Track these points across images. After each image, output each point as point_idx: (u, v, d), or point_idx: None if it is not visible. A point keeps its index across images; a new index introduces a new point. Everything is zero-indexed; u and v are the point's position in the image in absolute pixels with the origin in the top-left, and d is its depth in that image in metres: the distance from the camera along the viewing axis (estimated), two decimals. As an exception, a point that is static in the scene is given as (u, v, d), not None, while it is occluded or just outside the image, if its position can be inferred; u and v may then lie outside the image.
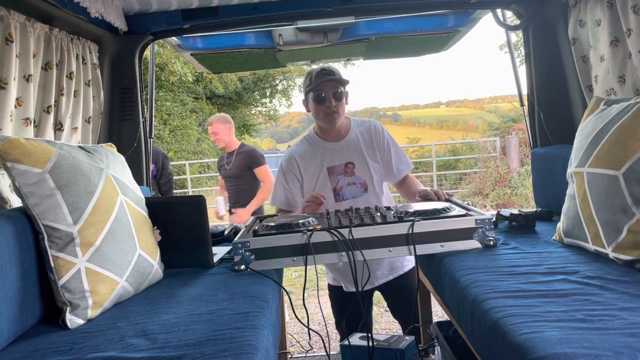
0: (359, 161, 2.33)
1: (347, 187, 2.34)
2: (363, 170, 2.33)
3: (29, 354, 1.21)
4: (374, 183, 2.34)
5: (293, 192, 2.36)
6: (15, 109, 1.72)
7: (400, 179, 2.41)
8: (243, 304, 1.42)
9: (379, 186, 2.36)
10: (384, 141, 2.37)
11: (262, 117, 22.17)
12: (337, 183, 2.33)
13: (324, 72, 2.25)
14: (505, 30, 2.73)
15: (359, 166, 2.33)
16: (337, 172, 2.34)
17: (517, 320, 1.12)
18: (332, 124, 2.29)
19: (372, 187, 2.34)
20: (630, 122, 1.43)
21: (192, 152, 14.54)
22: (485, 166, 10.92)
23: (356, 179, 2.34)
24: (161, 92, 13.31)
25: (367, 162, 2.33)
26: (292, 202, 2.37)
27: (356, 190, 2.34)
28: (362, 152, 2.33)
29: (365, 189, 2.34)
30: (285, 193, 2.37)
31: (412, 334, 1.97)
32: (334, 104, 2.24)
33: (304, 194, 2.34)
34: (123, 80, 2.53)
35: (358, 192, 2.34)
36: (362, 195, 2.34)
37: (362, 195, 2.34)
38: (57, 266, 1.37)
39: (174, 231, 1.80)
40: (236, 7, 2.44)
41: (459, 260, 1.63)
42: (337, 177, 2.33)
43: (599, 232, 1.47)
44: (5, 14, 1.65)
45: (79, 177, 1.44)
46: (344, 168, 2.33)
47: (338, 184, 2.33)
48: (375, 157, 2.35)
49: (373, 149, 2.35)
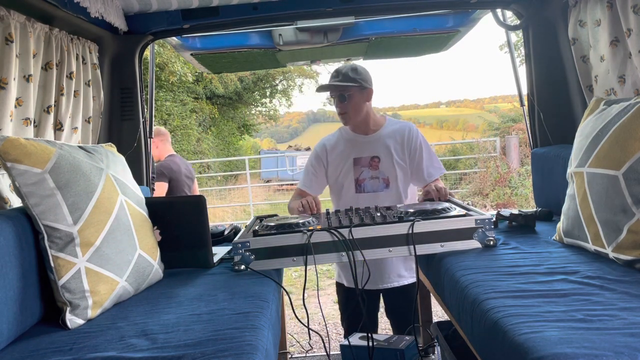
0: (385, 157, 2.37)
1: (369, 180, 2.39)
2: (388, 166, 2.37)
3: (29, 354, 1.21)
4: (398, 181, 2.37)
5: (318, 176, 2.46)
6: (15, 109, 1.72)
7: (430, 182, 2.38)
8: (243, 304, 1.42)
9: (402, 185, 2.38)
10: (416, 143, 2.39)
11: (262, 117, 22.17)
12: (360, 174, 2.39)
13: (332, 75, 2.34)
14: (505, 30, 2.72)
15: (384, 161, 2.37)
16: (362, 164, 2.39)
17: (517, 320, 1.12)
18: (346, 123, 2.40)
19: (395, 185, 2.37)
20: (630, 122, 1.43)
21: (192, 152, 14.53)
22: (485, 166, 10.91)
23: (379, 174, 2.38)
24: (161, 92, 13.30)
25: (393, 159, 2.37)
26: (313, 187, 2.46)
27: (378, 184, 2.38)
28: (390, 149, 2.37)
29: (387, 185, 2.38)
30: (310, 177, 2.47)
31: (411, 334, 1.97)
32: (341, 106, 2.33)
33: (329, 180, 2.46)
34: (123, 80, 2.53)
35: (379, 186, 2.38)
36: (383, 190, 2.37)
37: (383, 191, 2.37)
38: (57, 266, 1.37)
39: (174, 231, 1.80)
40: (236, 7, 2.44)
41: (459, 260, 1.63)
42: (361, 168, 2.39)
43: (599, 232, 1.47)
44: (5, 14, 1.65)
45: (79, 177, 1.44)
46: (369, 161, 2.39)
47: (361, 175, 2.39)
48: (404, 157, 2.38)
49: (402, 148, 2.38)
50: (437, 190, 2.12)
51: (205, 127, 16.63)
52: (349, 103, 2.31)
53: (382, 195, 2.36)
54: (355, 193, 2.39)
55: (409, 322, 2.22)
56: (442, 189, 2.13)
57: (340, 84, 2.29)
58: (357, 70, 2.31)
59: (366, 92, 2.34)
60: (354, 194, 2.39)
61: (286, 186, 16.07)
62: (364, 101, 2.35)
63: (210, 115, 17.16)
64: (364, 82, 2.31)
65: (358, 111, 2.35)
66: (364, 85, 2.32)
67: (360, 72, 2.32)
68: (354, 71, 2.31)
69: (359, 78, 2.30)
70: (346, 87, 2.29)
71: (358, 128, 2.42)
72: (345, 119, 2.36)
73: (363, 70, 2.34)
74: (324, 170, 2.46)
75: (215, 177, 15.61)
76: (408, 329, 2.10)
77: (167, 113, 13.44)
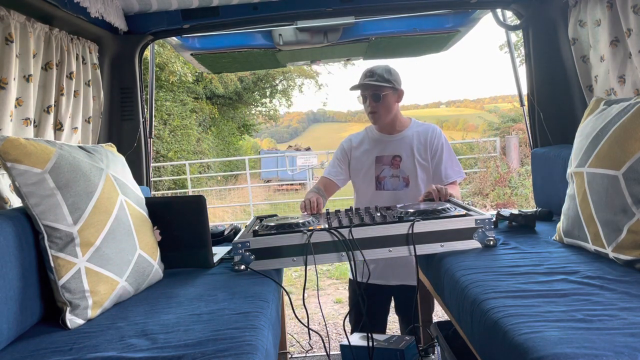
0: (407, 156, 2.42)
1: (389, 179, 2.43)
2: (409, 165, 2.41)
3: (29, 354, 1.21)
4: (418, 180, 2.40)
5: (342, 167, 2.53)
6: (15, 109, 1.72)
7: (447, 184, 2.39)
8: (243, 304, 1.42)
9: (423, 184, 2.41)
10: (439, 143, 2.43)
11: (262, 117, 22.15)
12: (382, 172, 2.44)
13: (366, 74, 2.39)
14: (505, 30, 2.73)
15: (405, 160, 2.42)
16: (384, 162, 2.44)
17: (517, 320, 1.12)
18: (375, 122, 2.46)
19: (415, 184, 2.40)
20: (630, 122, 1.42)
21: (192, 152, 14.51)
22: (485, 166, 10.91)
23: (400, 172, 2.42)
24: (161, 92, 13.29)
25: (414, 158, 2.41)
26: (337, 176, 2.52)
27: (398, 183, 2.42)
28: (412, 149, 2.42)
29: (407, 184, 2.41)
30: (335, 168, 2.53)
31: (412, 334, 1.97)
32: (373, 105, 2.38)
33: (351, 175, 2.54)
34: (123, 80, 2.53)
35: (399, 185, 2.41)
36: (403, 189, 2.41)
37: (403, 189, 2.41)
38: (57, 266, 1.37)
39: (174, 231, 1.80)
40: (236, 7, 2.44)
41: (459, 260, 1.63)
42: (382, 166, 2.44)
43: (599, 232, 1.47)
44: (5, 14, 1.65)
45: (79, 177, 1.44)
46: (391, 160, 2.43)
47: (382, 173, 2.44)
48: (426, 157, 2.42)
49: (425, 148, 2.42)
50: (437, 191, 2.13)
51: (205, 127, 16.61)
52: (382, 103, 2.37)
53: (402, 194, 2.40)
54: (376, 190, 2.44)
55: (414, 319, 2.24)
56: (442, 189, 2.14)
57: (376, 83, 2.34)
58: (390, 72, 2.38)
59: (398, 93, 2.41)
60: (374, 191, 2.44)
61: (286, 186, 16.07)
62: (395, 102, 2.41)
63: (210, 115, 17.15)
64: (396, 83, 2.38)
65: (389, 111, 2.40)
66: (397, 87, 2.38)
67: (394, 73, 2.39)
68: (388, 72, 2.37)
69: (392, 79, 2.36)
70: (381, 87, 2.34)
71: (384, 128, 2.48)
72: (375, 118, 2.41)
73: (395, 72, 2.41)
74: (347, 163, 2.53)
75: (215, 177, 15.60)
76: (408, 329, 2.10)
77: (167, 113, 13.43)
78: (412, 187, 2.40)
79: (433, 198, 2.12)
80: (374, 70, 2.37)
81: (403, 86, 2.42)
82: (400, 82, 2.41)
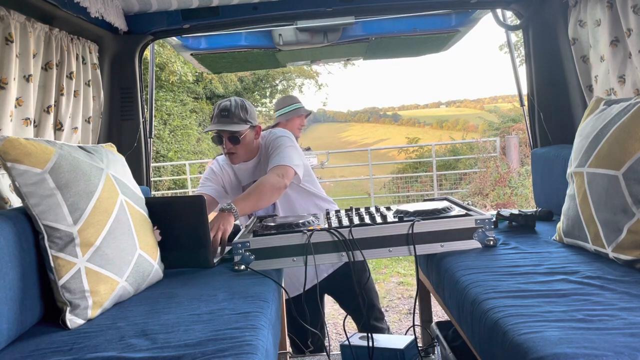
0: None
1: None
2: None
3: (29, 354, 1.21)
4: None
5: (217, 186, 2.42)
6: (15, 109, 1.72)
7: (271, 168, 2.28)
8: (243, 304, 1.42)
9: (291, 189, 2.34)
10: (275, 144, 2.32)
11: (262, 117, 22.14)
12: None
13: (221, 113, 2.25)
14: (505, 30, 2.73)
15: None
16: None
17: (517, 320, 1.12)
18: (233, 162, 2.34)
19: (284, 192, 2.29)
20: (630, 122, 1.43)
21: (192, 152, 14.52)
22: (485, 166, 10.90)
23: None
24: (161, 92, 13.30)
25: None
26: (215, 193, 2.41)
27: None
28: (268, 167, 2.27)
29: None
30: (210, 185, 2.42)
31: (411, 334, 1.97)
32: (230, 147, 2.26)
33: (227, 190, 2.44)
34: (123, 80, 2.53)
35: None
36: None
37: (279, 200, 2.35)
38: (57, 266, 1.37)
39: (174, 231, 1.80)
40: (236, 7, 2.44)
41: (459, 260, 1.63)
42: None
43: (599, 232, 1.47)
44: (5, 14, 1.65)
45: (79, 177, 1.44)
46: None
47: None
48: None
49: (267, 158, 2.32)
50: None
51: (205, 127, 16.62)
52: (241, 145, 2.26)
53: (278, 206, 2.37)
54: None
55: (355, 295, 2.26)
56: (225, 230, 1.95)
57: (232, 129, 2.22)
58: (246, 108, 2.26)
59: (255, 129, 2.32)
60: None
61: (286, 186, 16.01)
62: (254, 139, 2.32)
63: (210, 115, 17.16)
64: (253, 120, 2.28)
65: (249, 150, 2.32)
66: (254, 123, 2.29)
67: (249, 109, 2.28)
68: (244, 110, 2.25)
69: (249, 118, 2.26)
70: (239, 131, 2.23)
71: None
72: (233, 158, 2.31)
73: (250, 107, 2.30)
74: (222, 184, 2.44)
75: (215, 177, 15.57)
76: (408, 329, 2.10)
77: (167, 113, 13.44)
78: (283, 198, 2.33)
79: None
80: (228, 108, 2.24)
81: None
82: (256, 116, 2.31)
